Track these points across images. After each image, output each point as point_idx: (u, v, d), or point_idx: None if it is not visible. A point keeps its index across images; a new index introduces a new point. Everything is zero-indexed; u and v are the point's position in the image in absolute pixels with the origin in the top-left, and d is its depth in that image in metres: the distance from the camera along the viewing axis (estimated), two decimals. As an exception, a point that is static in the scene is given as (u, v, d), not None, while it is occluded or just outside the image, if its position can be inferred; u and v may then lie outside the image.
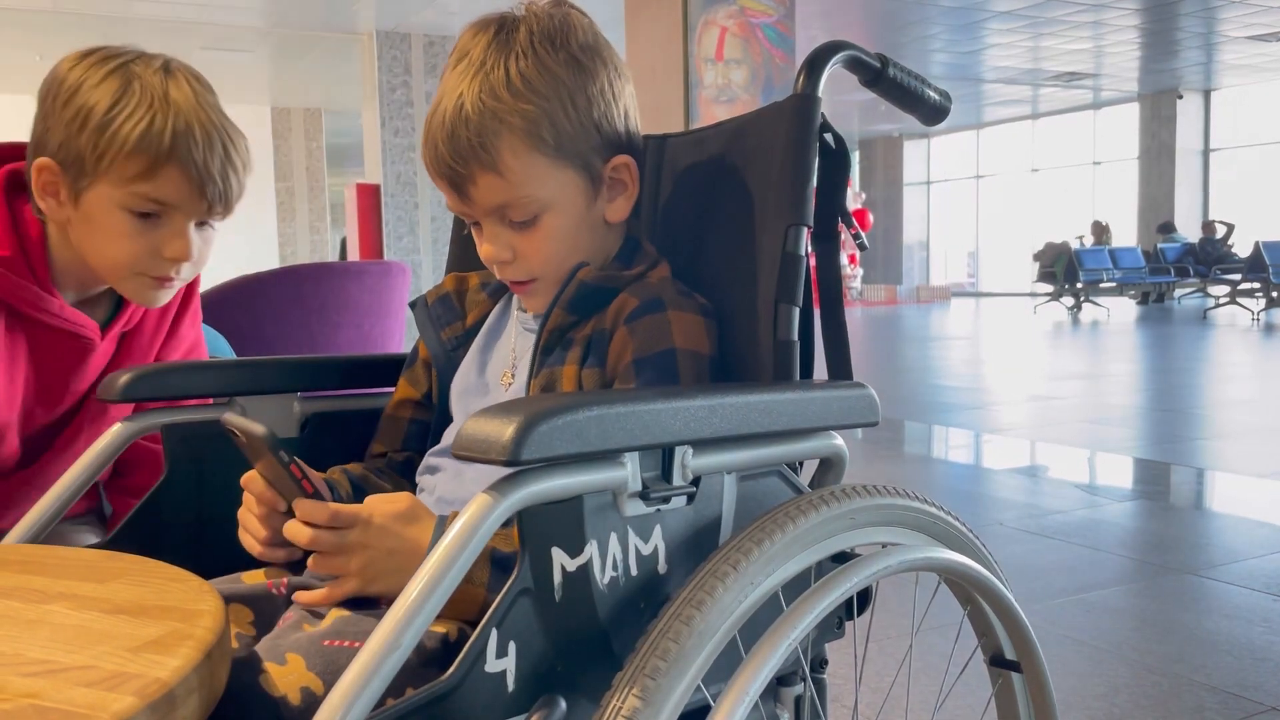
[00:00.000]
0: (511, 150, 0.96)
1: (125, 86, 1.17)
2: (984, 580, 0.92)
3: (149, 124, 1.16)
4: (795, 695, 0.95)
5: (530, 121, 0.96)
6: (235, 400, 1.18)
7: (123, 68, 1.19)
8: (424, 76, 10.55)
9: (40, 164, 1.20)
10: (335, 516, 0.87)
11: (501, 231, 1.01)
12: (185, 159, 1.18)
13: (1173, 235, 16.36)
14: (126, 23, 10.12)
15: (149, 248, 1.21)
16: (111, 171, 1.17)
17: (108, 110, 1.16)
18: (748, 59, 5.97)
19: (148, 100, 1.17)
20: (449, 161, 0.98)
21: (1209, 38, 13.38)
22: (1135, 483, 4.07)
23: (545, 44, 0.98)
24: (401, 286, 2.93)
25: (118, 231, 1.20)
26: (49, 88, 1.21)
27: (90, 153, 1.17)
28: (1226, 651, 2.24)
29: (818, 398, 0.89)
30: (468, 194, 0.99)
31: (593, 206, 1.04)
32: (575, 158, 1.00)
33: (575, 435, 0.69)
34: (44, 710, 0.53)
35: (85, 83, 1.18)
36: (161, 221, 1.21)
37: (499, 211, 1.00)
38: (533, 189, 0.98)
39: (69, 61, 1.22)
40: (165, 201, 1.19)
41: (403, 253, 10.48)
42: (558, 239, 1.01)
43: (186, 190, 1.19)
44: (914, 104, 1.10)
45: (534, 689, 0.73)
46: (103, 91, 1.17)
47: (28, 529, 1.04)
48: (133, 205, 1.19)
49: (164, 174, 1.18)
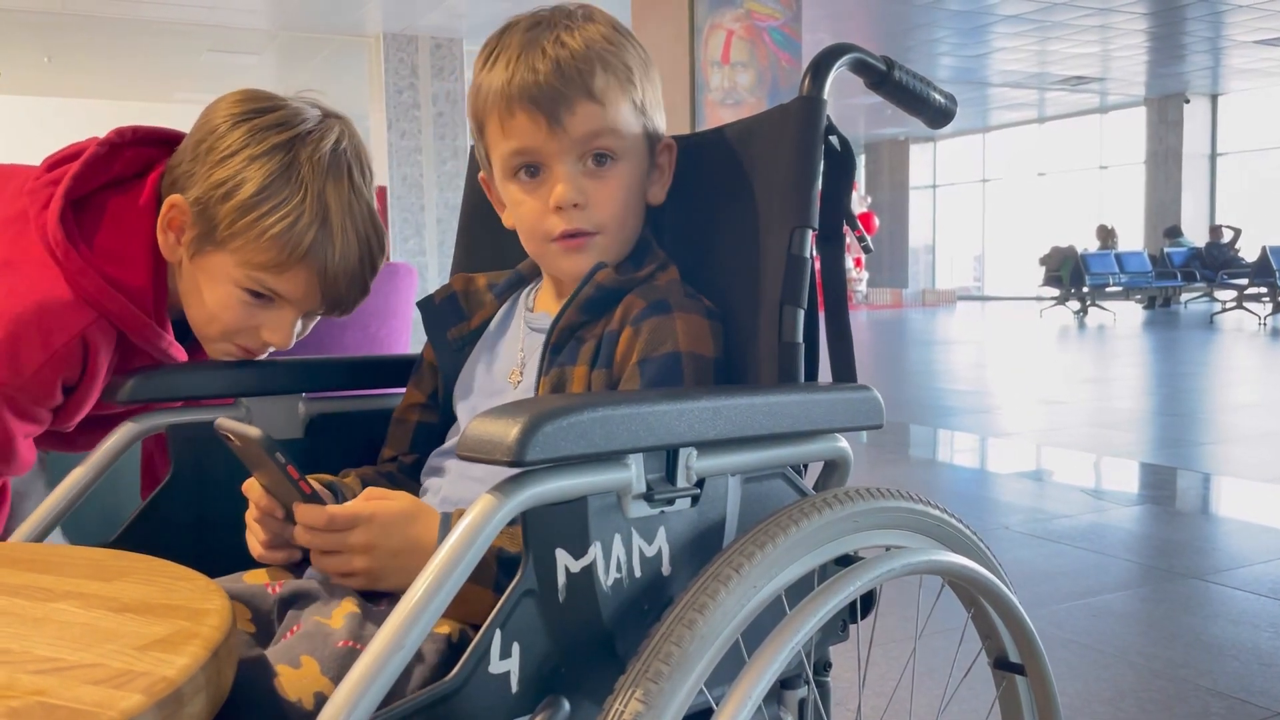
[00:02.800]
0: (611, 86, 1.02)
1: (283, 173, 1.12)
2: (988, 583, 0.92)
3: (293, 222, 1.11)
4: (799, 698, 0.95)
5: (629, 69, 1.03)
6: (240, 401, 1.18)
7: (288, 147, 1.13)
8: (430, 79, 10.57)
9: (175, 202, 1.15)
10: (333, 520, 0.88)
11: (576, 174, 1.03)
12: (317, 264, 1.14)
13: (1179, 240, 16.32)
14: (134, 25, 10.15)
15: (250, 324, 1.17)
16: (239, 251, 1.13)
17: (257, 193, 1.11)
18: (754, 62, 5.98)
19: (300, 195, 1.12)
20: (554, 83, 1.00)
21: (1216, 42, 13.35)
22: (1141, 487, 4.06)
23: (607, 23, 1.06)
24: (408, 288, 2.93)
25: (225, 303, 1.16)
26: (205, 133, 1.15)
27: (225, 225, 1.12)
28: (1233, 656, 2.24)
29: (822, 400, 0.89)
30: (561, 120, 1.01)
31: (646, 179, 1.08)
32: (647, 120, 1.07)
33: (580, 436, 0.69)
34: (52, 708, 0.53)
35: (243, 151, 1.12)
36: (272, 305, 1.17)
37: (586, 143, 1.02)
38: (623, 126, 1.03)
39: (233, 110, 1.15)
40: (282, 295, 1.16)
41: (408, 254, 10.50)
42: (625, 192, 1.05)
43: (306, 291, 1.16)
44: (919, 107, 1.10)
45: (537, 690, 0.73)
46: (258, 170, 1.11)
47: (34, 528, 1.05)
48: (249, 286, 1.15)
49: (291, 272, 1.14)
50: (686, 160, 1.15)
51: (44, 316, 1.10)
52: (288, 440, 1.20)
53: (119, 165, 1.19)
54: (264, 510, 0.97)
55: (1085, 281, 15.35)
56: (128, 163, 1.20)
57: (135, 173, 1.20)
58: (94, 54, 11.25)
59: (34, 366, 1.11)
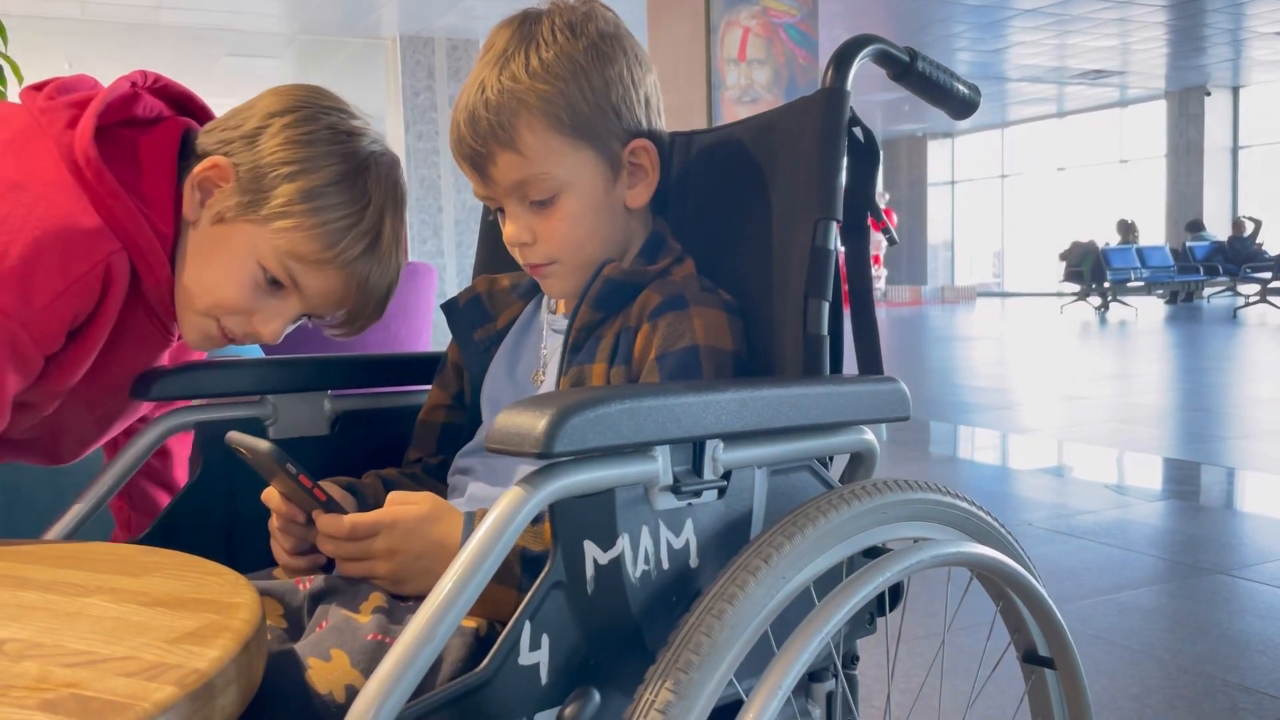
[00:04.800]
0: (529, 128, 0.98)
1: (354, 179, 1.10)
2: (1017, 575, 0.92)
3: (350, 225, 1.09)
4: (827, 691, 0.94)
5: (547, 101, 0.99)
6: (266, 398, 1.19)
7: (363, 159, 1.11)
8: (447, 81, 10.60)
9: (219, 162, 1.09)
10: (355, 528, 0.88)
11: (522, 213, 1.03)
12: (358, 275, 1.11)
13: (1201, 234, 16.18)
14: (153, 30, 10.22)
15: (248, 307, 1.11)
16: (284, 233, 1.08)
17: (327, 184, 1.08)
18: (770, 59, 5.96)
19: (364, 205, 1.10)
20: (470, 142, 1.00)
21: (1236, 33, 13.23)
22: (1165, 482, 4.03)
23: (565, 32, 1.01)
24: (428, 288, 2.95)
25: (236, 278, 1.09)
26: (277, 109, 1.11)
27: (280, 202, 1.07)
28: (1260, 652, 2.22)
29: (848, 392, 0.89)
30: (488, 174, 1.01)
31: (612, 190, 1.05)
32: (593, 139, 1.02)
33: (607, 428, 0.69)
34: (86, 699, 0.53)
35: (321, 144, 1.09)
36: (279, 295, 1.12)
37: (518, 190, 1.02)
38: (550, 167, 1.00)
39: (313, 99, 1.12)
40: (303, 290, 1.11)
41: (427, 256, 10.53)
42: (575, 221, 1.03)
43: (329, 294, 1.12)
44: (943, 98, 1.09)
45: (567, 682, 0.73)
46: (332, 166, 1.09)
47: (66, 526, 1.05)
48: (271, 270, 1.09)
49: (328, 272, 1.10)
50: (706, 154, 1.15)
51: (67, 241, 1.01)
52: (314, 437, 1.20)
53: (136, 108, 1.13)
54: (285, 517, 0.98)
55: (1106, 277, 15.24)
56: (147, 107, 1.14)
57: (148, 121, 1.15)
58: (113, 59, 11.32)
59: (49, 296, 1.01)
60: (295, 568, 0.99)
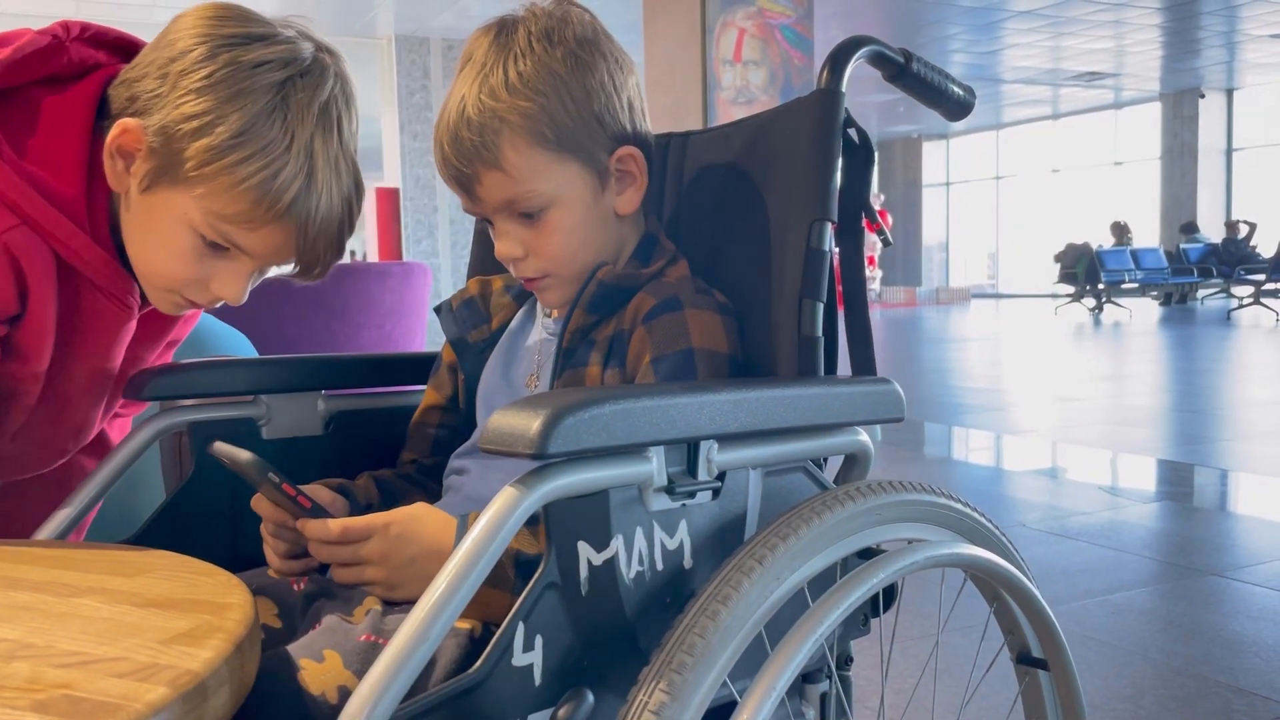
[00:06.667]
0: (513, 147, 0.98)
1: (268, 117, 0.97)
2: (1010, 576, 0.92)
3: (274, 174, 0.97)
4: (821, 692, 0.94)
5: (529, 118, 0.97)
6: (260, 398, 1.18)
7: (277, 89, 0.98)
8: (443, 80, 10.59)
9: (128, 125, 0.98)
10: (346, 532, 0.88)
11: (512, 229, 1.02)
12: (296, 223, 1.00)
13: (1195, 235, 16.22)
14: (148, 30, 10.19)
15: (199, 275, 1.03)
16: (206, 198, 0.98)
17: (235, 135, 0.96)
18: (766, 60, 5.97)
19: (286, 144, 0.98)
20: (455, 163, 1.00)
21: (1231, 36, 13.27)
22: (1159, 484, 4.03)
23: (542, 42, 1.00)
24: (422, 287, 2.95)
25: (176, 249, 1.01)
26: (176, 52, 0.99)
27: (192, 164, 0.96)
28: (1253, 653, 2.22)
29: (843, 393, 0.89)
30: (475, 194, 1.01)
31: (600, 199, 1.04)
32: (578, 151, 1.01)
33: (602, 429, 0.69)
34: (77, 700, 0.53)
35: (223, 85, 0.96)
36: (227, 256, 1.03)
37: (507, 208, 1.01)
38: (536, 184, 0.99)
39: (212, 30, 0.99)
40: (245, 250, 1.02)
41: (422, 256, 10.53)
42: (566, 233, 1.02)
43: (275, 250, 1.03)
44: (938, 99, 1.09)
45: (561, 682, 0.73)
46: (240, 110, 0.96)
47: (58, 526, 1.05)
48: (207, 235, 1.00)
49: (266, 229, 1.00)
50: (702, 154, 1.15)
51: None
52: (307, 437, 1.20)
53: (59, 63, 1.03)
54: (276, 522, 0.98)
55: (1100, 278, 15.28)
56: (70, 63, 1.04)
57: (75, 75, 1.04)
58: (108, 58, 11.32)
59: None
60: (289, 570, 0.99)
